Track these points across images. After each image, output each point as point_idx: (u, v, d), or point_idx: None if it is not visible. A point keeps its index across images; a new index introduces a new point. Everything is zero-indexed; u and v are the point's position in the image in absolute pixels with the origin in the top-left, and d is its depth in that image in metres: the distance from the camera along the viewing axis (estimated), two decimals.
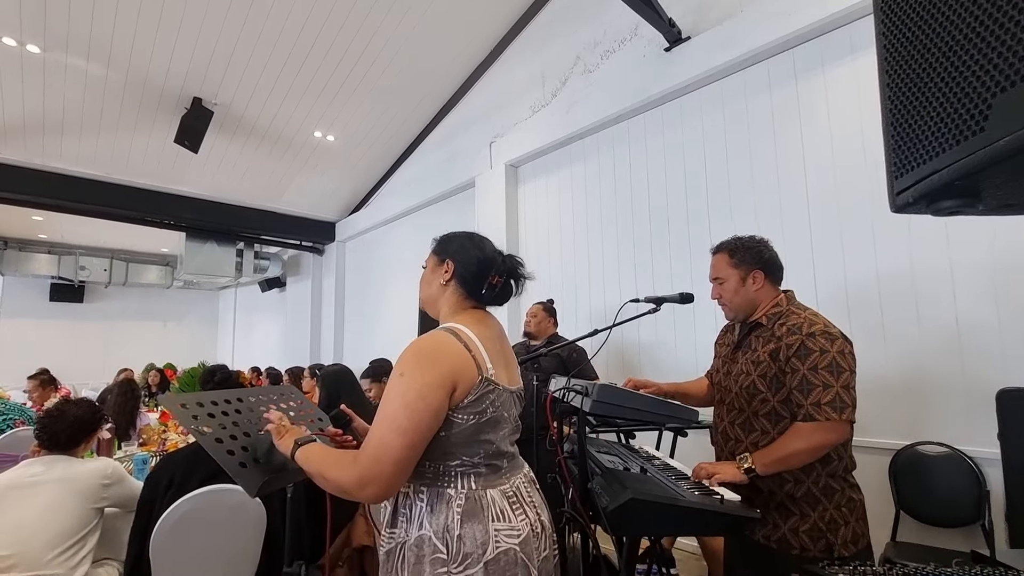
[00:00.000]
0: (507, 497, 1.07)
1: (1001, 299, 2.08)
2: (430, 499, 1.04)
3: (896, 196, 0.49)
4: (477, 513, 1.01)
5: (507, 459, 1.13)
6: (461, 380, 1.01)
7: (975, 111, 0.40)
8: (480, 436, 1.04)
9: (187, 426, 1.15)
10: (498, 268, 1.17)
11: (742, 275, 1.54)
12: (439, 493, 1.03)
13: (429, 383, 0.97)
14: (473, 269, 1.17)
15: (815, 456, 1.35)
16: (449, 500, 1.02)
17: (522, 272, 1.21)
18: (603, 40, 3.82)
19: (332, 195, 6.75)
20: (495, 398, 1.06)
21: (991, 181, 0.42)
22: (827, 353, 1.35)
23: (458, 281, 1.18)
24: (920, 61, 0.46)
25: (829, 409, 1.31)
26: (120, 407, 3.43)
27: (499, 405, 1.07)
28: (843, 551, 1.35)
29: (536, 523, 1.09)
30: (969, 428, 2.12)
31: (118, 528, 2.00)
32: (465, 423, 1.02)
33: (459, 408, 1.02)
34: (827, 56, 2.64)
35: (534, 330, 3.15)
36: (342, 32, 4.27)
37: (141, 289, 10.19)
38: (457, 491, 1.03)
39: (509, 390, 1.12)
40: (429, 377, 0.98)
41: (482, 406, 1.03)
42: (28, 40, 3.90)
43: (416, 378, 0.98)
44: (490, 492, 1.05)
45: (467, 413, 1.02)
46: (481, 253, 1.19)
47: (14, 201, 5.47)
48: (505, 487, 1.08)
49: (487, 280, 1.15)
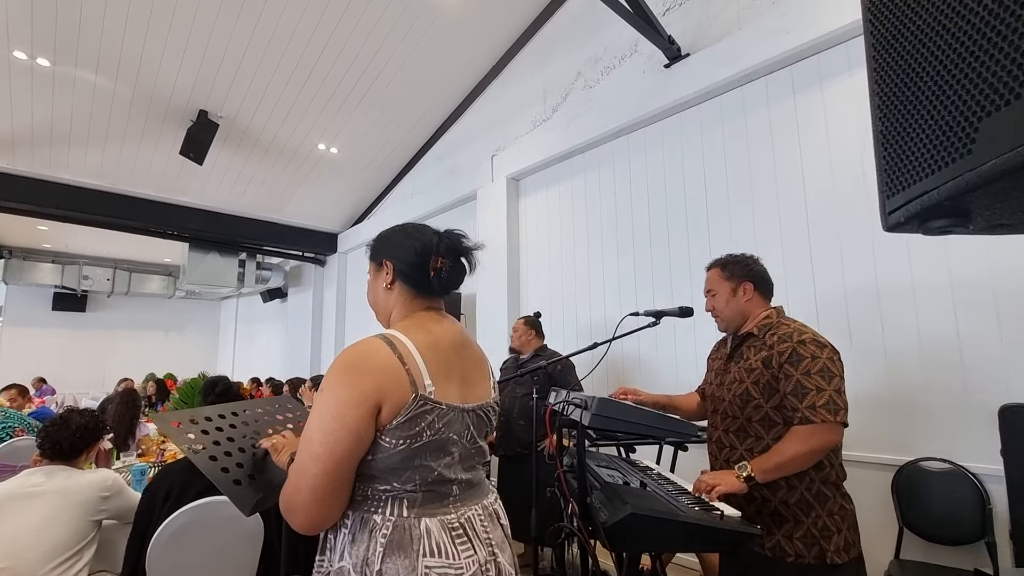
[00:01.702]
0: (449, 529, 0.91)
1: (1002, 313, 2.08)
2: (353, 526, 0.91)
3: (888, 215, 0.50)
4: (404, 546, 0.87)
5: (457, 486, 0.96)
6: (388, 398, 0.87)
7: (962, 134, 0.41)
8: (413, 462, 0.90)
9: (179, 445, 1.14)
10: (438, 249, 1.03)
11: (733, 287, 1.63)
12: (363, 519, 0.90)
13: (347, 401, 0.85)
14: (414, 259, 1.04)
15: (814, 459, 1.38)
16: (373, 528, 0.88)
17: (467, 245, 1.07)
18: (603, 56, 3.87)
19: (334, 207, 6.80)
20: (434, 419, 0.91)
21: (980, 202, 0.43)
22: (818, 359, 1.41)
23: (402, 279, 1.06)
24: (909, 84, 0.47)
25: (824, 411, 1.36)
26: (120, 417, 3.42)
27: (441, 427, 0.92)
28: (836, 558, 1.36)
29: (487, 564, 0.93)
30: (971, 444, 2.10)
31: (115, 540, 1.98)
32: (394, 448, 0.88)
33: (386, 431, 0.88)
34: (825, 72, 2.68)
35: (516, 344, 3.18)
36: (346, 46, 4.34)
37: (143, 299, 10.23)
38: (384, 518, 0.89)
39: (459, 408, 0.96)
40: (347, 394, 0.86)
41: (415, 428, 0.89)
42: (38, 54, 3.97)
43: (334, 395, 0.87)
44: (425, 521, 0.89)
45: (396, 436, 0.88)
46: (418, 241, 1.05)
47: (20, 211, 5.52)
48: (449, 517, 0.92)
49: (430, 266, 1.02)
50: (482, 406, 1.04)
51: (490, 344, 4.33)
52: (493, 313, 4.39)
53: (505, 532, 1.05)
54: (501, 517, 1.06)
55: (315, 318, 7.49)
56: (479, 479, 1.05)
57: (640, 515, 1.22)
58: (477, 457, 1.03)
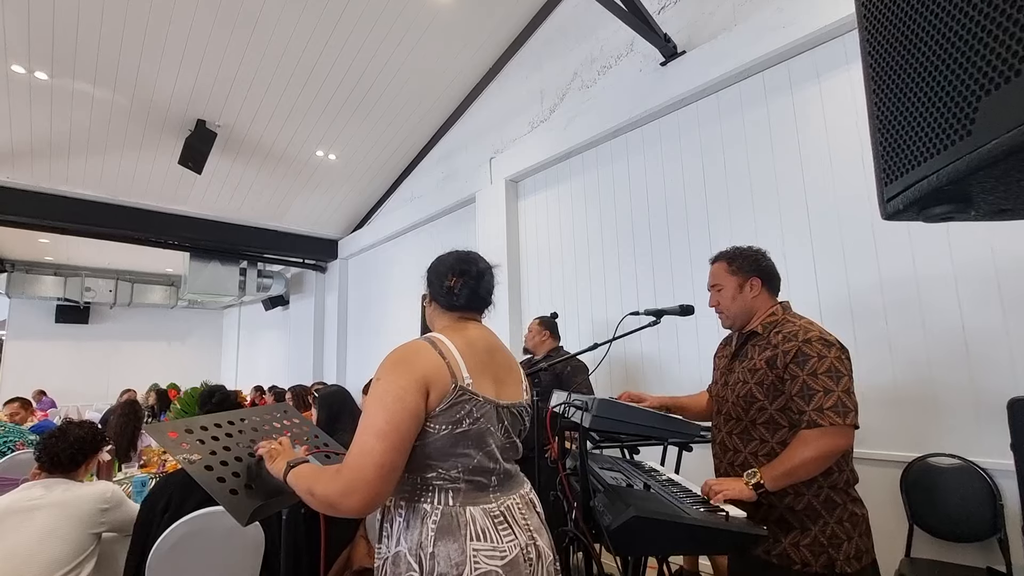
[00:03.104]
0: (491, 516, 1.02)
1: (1007, 305, 2.05)
2: (407, 514, 1.02)
3: (886, 203, 0.48)
4: (453, 531, 0.97)
5: (496, 476, 1.08)
6: (434, 385, 0.99)
7: (961, 115, 0.39)
8: (457, 449, 1.01)
9: (175, 455, 1.13)
10: (453, 270, 1.19)
11: (740, 282, 1.55)
12: (415, 508, 1.01)
13: (404, 385, 0.97)
14: (436, 283, 1.20)
15: (825, 464, 1.32)
16: (424, 516, 0.99)
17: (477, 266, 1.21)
18: (600, 56, 3.86)
19: (334, 213, 6.81)
20: (472, 408, 1.03)
21: (981, 186, 0.41)
22: (825, 359, 1.34)
23: (434, 300, 1.22)
24: (905, 65, 0.45)
25: (832, 414, 1.30)
26: (122, 428, 3.41)
27: (479, 417, 1.04)
28: (846, 567, 1.31)
29: (528, 547, 1.04)
30: (980, 439, 2.07)
31: (115, 553, 1.97)
32: (438, 432, 1.00)
33: (432, 416, 1.00)
34: (822, 67, 2.66)
35: (530, 345, 3.14)
36: (342, 53, 4.35)
37: (146, 309, 10.26)
38: (433, 506, 1.00)
39: (496, 403, 1.09)
40: (404, 380, 0.98)
41: (457, 415, 1.01)
42: (36, 67, 3.99)
43: (392, 381, 0.98)
44: (470, 509, 1.00)
45: (440, 422, 1.00)
46: (440, 266, 1.22)
47: (21, 224, 5.54)
48: (490, 506, 1.03)
49: (447, 287, 1.18)
50: (515, 405, 1.16)
51: None
52: (494, 315, 4.34)
53: (541, 519, 1.15)
54: (537, 505, 1.17)
55: (317, 325, 7.49)
56: (515, 471, 1.16)
57: (643, 518, 1.19)
58: (512, 451, 1.15)
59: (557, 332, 3.14)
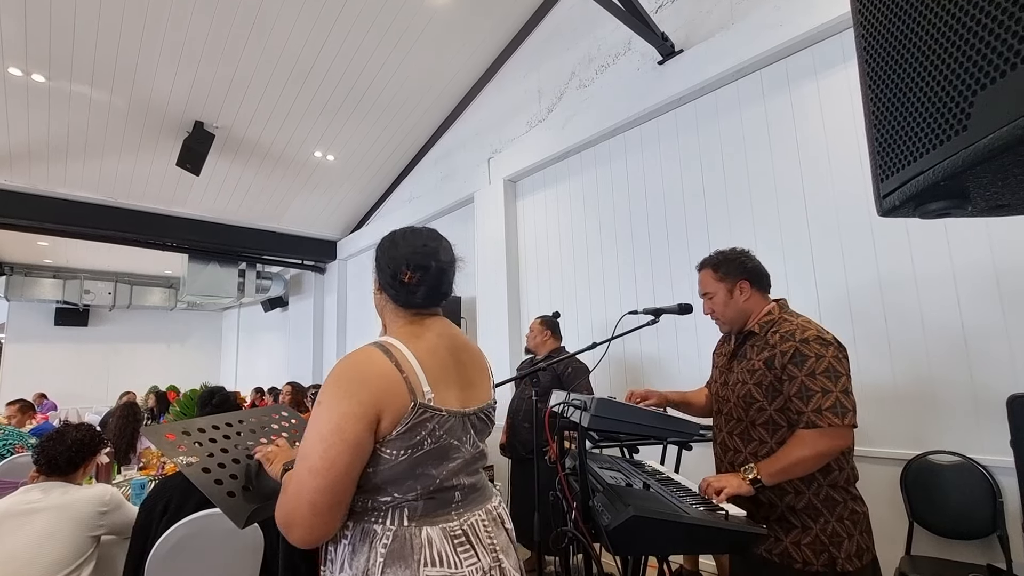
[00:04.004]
0: (451, 536, 0.90)
1: (1006, 302, 2.05)
2: (353, 537, 0.90)
3: (882, 199, 0.48)
4: (405, 556, 0.86)
5: (460, 491, 0.96)
6: (388, 408, 0.86)
7: (956, 110, 0.39)
8: (416, 471, 0.89)
9: (171, 458, 1.13)
10: (407, 264, 0.99)
11: (729, 287, 1.56)
12: (364, 530, 0.89)
13: (346, 414, 0.84)
14: (388, 273, 1.01)
15: (821, 463, 1.33)
16: (373, 539, 0.87)
17: (438, 259, 1.01)
18: (597, 55, 3.86)
19: (333, 214, 6.80)
20: (435, 427, 0.90)
21: (978, 181, 0.41)
22: (823, 358, 1.34)
23: (384, 289, 1.03)
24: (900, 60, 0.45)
25: (831, 415, 1.30)
26: (121, 431, 3.41)
27: (442, 434, 0.91)
28: (847, 565, 1.31)
29: (492, 570, 0.92)
30: (980, 436, 2.07)
31: (114, 556, 1.97)
32: (395, 459, 0.87)
33: (387, 442, 0.87)
34: (819, 65, 2.66)
35: (531, 345, 3.12)
36: (340, 53, 4.34)
37: (145, 311, 10.24)
38: (384, 528, 0.88)
39: (460, 414, 0.95)
40: (347, 406, 0.84)
41: (416, 438, 0.88)
42: (33, 69, 3.98)
43: (332, 408, 0.85)
44: (426, 530, 0.88)
45: (397, 448, 0.87)
46: (392, 256, 1.01)
47: (20, 227, 5.54)
48: (452, 524, 0.91)
49: (399, 280, 0.99)
50: (483, 408, 1.03)
51: (491, 347, 4.31)
52: (493, 315, 4.37)
53: (510, 536, 1.03)
54: (505, 521, 1.05)
55: (316, 326, 7.48)
56: (482, 483, 1.03)
57: (642, 517, 1.19)
58: (480, 461, 1.02)
59: (559, 332, 3.14)
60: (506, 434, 3.09)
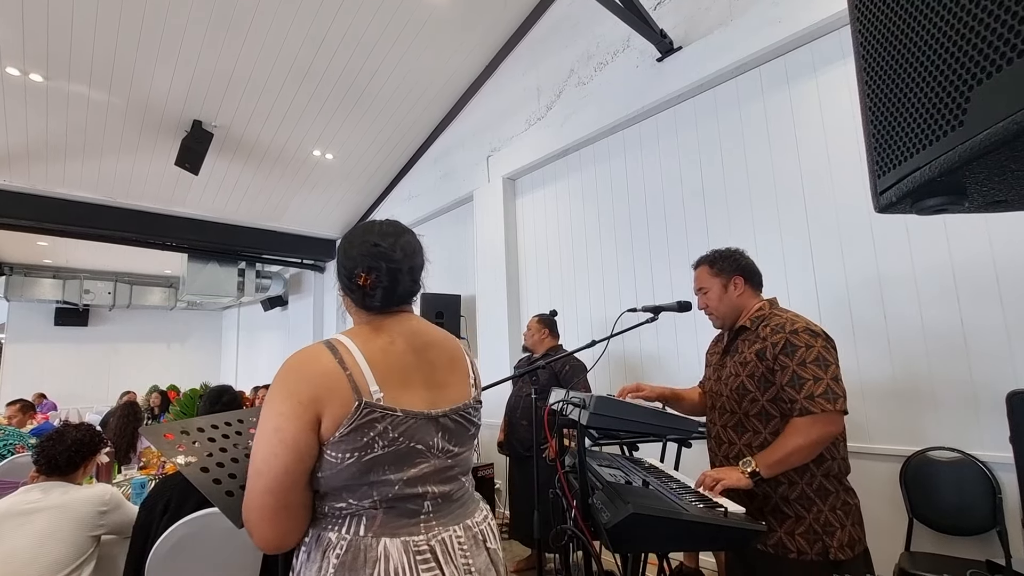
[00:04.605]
0: (414, 551, 0.83)
1: (1006, 298, 2.05)
2: (310, 543, 0.86)
3: (879, 195, 0.48)
4: (356, 568, 0.80)
5: (430, 502, 0.89)
6: (328, 406, 0.81)
7: (953, 105, 0.38)
8: (369, 477, 0.83)
9: (168, 457, 1.12)
10: (361, 263, 0.93)
11: (723, 282, 1.62)
12: (319, 537, 0.85)
13: (284, 413, 0.81)
14: (343, 274, 0.96)
15: (817, 450, 1.36)
16: (327, 547, 0.83)
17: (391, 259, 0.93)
18: (596, 53, 3.85)
19: (332, 212, 6.79)
20: (387, 428, 0.84)
21: (975, 177, 0.41)
22: (812, 348, 1.39)
23: (344, 292, 0.99)
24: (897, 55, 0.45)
25: (823, 400, 1.34)
26: (121, 430, 3.42)
27: (398, 436, 0.85)
28: (839, 555, 1.34)
29: None
30: (980, 432, 2.07)
31: (115, 555, 1.97)
32: (342, 462, 0.82)
33: (331, 443, 0.82)
34: (819, 61, 2.65)
35: (529, 343, 3.13)
36: (338, 52, 4.33)
37: (145, 311, 10.24)
38: (339, 536, 0.83)
39: (424, 415, 0.89)
40: (284, 406, 0.81)
41: (363, 439, 0.82)
42: (31, 69, 3.97)
43: (273, 407, 0.82)
44: (385, 542, 0.82)
45: (342, 450, 0.82)
46: (351, 250, 0.96)
47: (19, 227, 5.53)
48: (417, 538, 0.84)
49: (356, 283, 0.94)
50: (458, 409, 0.95)
51: (490, 345, 4.31)
52: (493, 314, 4.37)
53: (492, 557, 0.95)
54: (489, 540, 0.96)
55: (316, 325, 7.49)
56: (460, 493, 0.95)
57: (642, 515, 1.19)
58: (458, 468, 0.95)
59: (556, 330, 3.14)
60: (504, 432, 3.10)
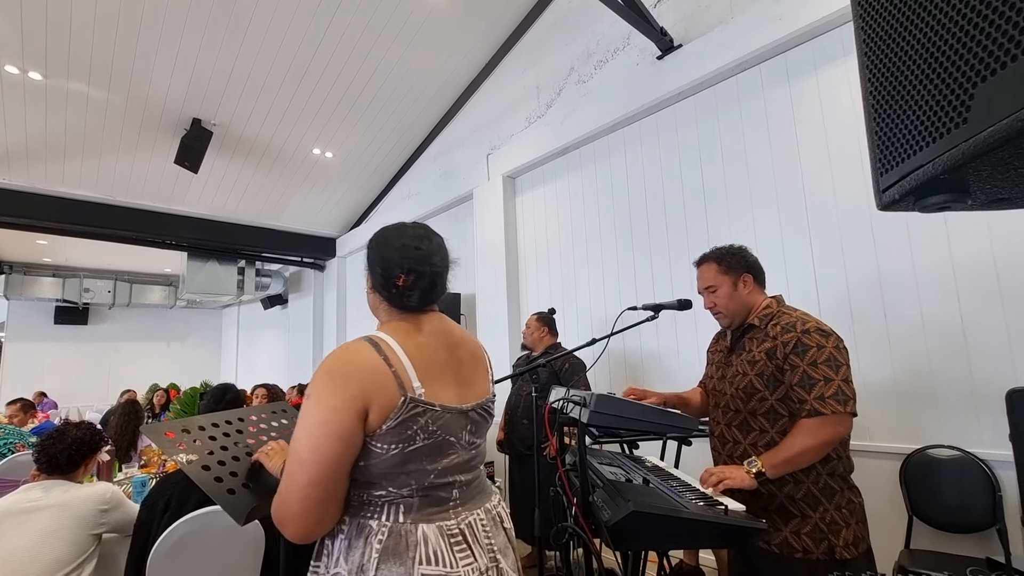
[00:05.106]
0: (448, 535, 0.89)
1: (1006, 297, 2.05)
2: (350, 532, 0.89)
3: (882, 193, 0.48)
4: (400, 552, 0.85)
5: (457, 488, 0.95)
6: (376, 401, 0.85)
7: (957, 102, 0.38)
8: (409, 466, 0.88)
9: (169, 456, 1.13)
10: (401, 266, 0.97)
11: (733, 280, 1.58)
12: (359, 525, 0.88)
13: (333, 406, 0.84)
14: (379, 273, 1.00)
15: (824, 452, 1.35)
16: (369, 534, 0.87)
17: (431, 264, 0.99)
18: (596, 50, 3.84)
19: (332, 211, 6.78)
20: (427, 421, 0.89)
21: (978, 175, 0.41)
22: (824, 348, 1.37)
23: (376, 289, 1.03)
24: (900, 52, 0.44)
25: (834, 402, 1.32)
26: (122, 429, 3.41)
27: (436, 429, 0.90)
28: (845, 553, 1.33)
29: (489, 570, 0.91)
30: (979, 430, 2.07)
31: (116, 554, 1.97)
32: (386, 452, 0.86)
33: (377, 436, 0.86)
34: (819, 58, 2.65)
35: (528, 341, 3.12)
36: (337, 50, 4.32)
37: (145, 310, 10.24)
38: (380, 523, 0.87)
39: (457, 410, 0.95)
40: (336, 400, 0.84)
41: (408, 432, 0.87)
42: (30, 67, 3.96)
43: (320, 401, 0.85)
44: (423, 528, 0.88)
45: (387, 441, 0.86)
46: (387, 251, 1.00)
47: (18, 226, 5.52)
48: (449, 523, 0.90)
49: (394, 283, 0.98)
50: (482, 404, 1.02)
51: (490, 344, 4.31)
52: (493, 312, 4.37)
53: (508, 536, 1.02)
54: (504, 520, 1.04)
55: (316, 323, 7.48)
56: (480, 481, 1.02)
57: (642, 512, 1.19)
58: (478, 458, 1.02)
59: (555, 328, 3.14)
60: (504, 430, 3.09)
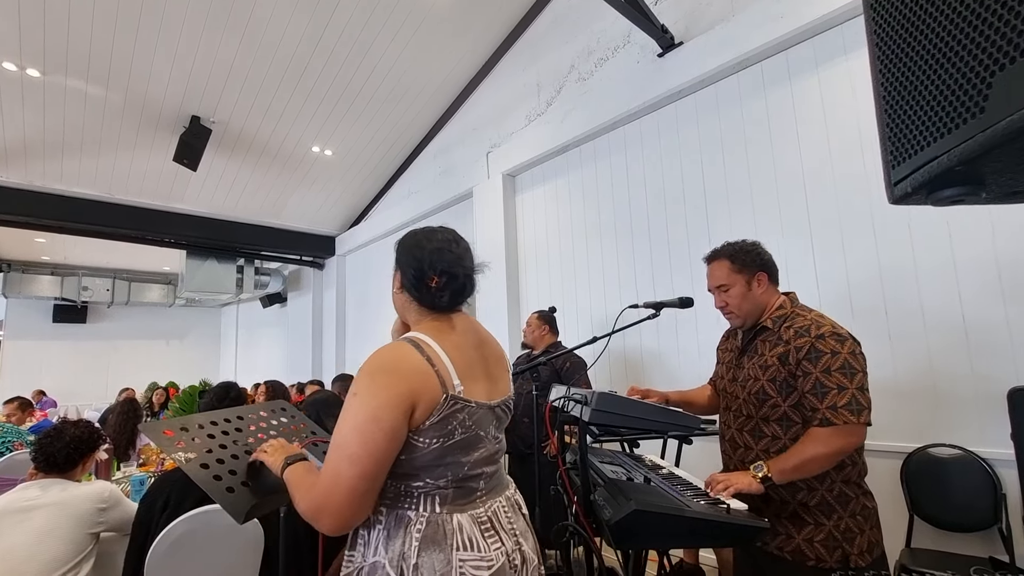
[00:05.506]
0: (479, 523, 0.96)
1: (1008, 295, 2.04)
2: (388, 522, 0.94)
3: (894, 186, 0.47)
4: (439, 540, 0.91)
5: (484, 480, 1.02)
6: (421, 400, 0.90)
7: (973, 92, 0.37)
8: (446, 459, 0.94)
9: (169, 454, 1.12)
10: (433, 267, 1.02)
11: (747, 279, 1.50)
12: (398, 516, 0.94)
13: (384, 403, 0.88)
14: (411, 274, 1.04)
15: (834, 461, 1.30)
16: (408, 524, 0.92)
17: (463, 266, 1.05)
18: (597, 48, 3.83)
19: (331, 209, 6.77)
20: (465, 417, 0.95)
21: (994, 166, 0.40)
22: (839, 355, 1.31)
23: (407, 290, 1.07)
24: (913, 42, 0.43)
25: (847, 412, 1.27)
26: (120, 427, 3.40)
27: (471, 424, 0.96)
28: (859, 561, 1.30)
29: (514, 553, 0.98)
30: (981, 429, 2.06)
31: (114, 552, 1.96)
32: (428, 447, 0.92)
33: (420, 431, 0.92)
34: (820, 56, 2.64)
35: (529, 340, 3.11)
36: (337, 47, 4.31)
37: (143, 308, 10.22)
38: (418, 514, 0.93)
39: (487, 406, 1.01)
40: (384, 397, 0.88)
41: (448, 427, 0.93)
42: (28, 64, 3.94)
43: (370, 398, 0.89)
44: (457, 517, 0.94)
45: (430, 436, 0.92)
46: (420, 252, 1.04)
47: (17, 224, 5.50)
48: (478, 511, 0.97)
49: (426, 284, 1.03)
50: (506, 400, 1.09)
51: None
52: (492, 311, 4.35)
53: (527, 520, 1.10)
54: (522, 507, 1.11)
55: (315, 322, 7.47)
56: (501, 472, 1.10)
57: (644, 511, 1.18)
58: (500, 452, 1.09)
59: (556, 327, 3.13)
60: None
